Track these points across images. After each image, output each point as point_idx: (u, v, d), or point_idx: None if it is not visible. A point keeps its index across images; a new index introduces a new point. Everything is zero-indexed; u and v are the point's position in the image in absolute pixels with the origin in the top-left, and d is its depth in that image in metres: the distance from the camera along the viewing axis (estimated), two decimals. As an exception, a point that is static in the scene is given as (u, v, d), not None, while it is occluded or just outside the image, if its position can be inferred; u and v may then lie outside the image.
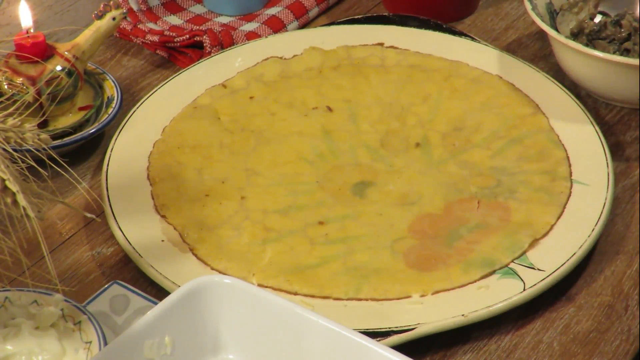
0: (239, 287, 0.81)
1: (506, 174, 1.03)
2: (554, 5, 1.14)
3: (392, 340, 0.86)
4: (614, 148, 1.07)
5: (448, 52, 1.17)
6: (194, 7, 1.28)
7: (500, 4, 1.29)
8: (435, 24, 1.20)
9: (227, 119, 1.09)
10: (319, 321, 0.78)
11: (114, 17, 1.07)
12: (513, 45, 1.22)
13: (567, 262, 0.92)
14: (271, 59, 1.16)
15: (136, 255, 0.93)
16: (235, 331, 0.81)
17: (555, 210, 0.98)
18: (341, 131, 1.08)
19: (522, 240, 0.95)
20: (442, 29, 1.19)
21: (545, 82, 1.12)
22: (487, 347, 0.89)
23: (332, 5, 1.29)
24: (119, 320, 0.88)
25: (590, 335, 0.90)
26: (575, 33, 1.14)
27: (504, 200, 0.99)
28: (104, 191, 0.99)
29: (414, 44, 1.18)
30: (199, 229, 0.97)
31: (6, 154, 0.75)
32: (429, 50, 1.17)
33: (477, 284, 0.92)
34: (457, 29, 1.20)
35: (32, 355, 0.82)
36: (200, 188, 1.01)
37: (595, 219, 0.96)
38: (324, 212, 0.99)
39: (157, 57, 1.21)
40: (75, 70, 1.05)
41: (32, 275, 0.85)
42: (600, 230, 0.95)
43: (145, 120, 1.08)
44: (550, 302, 0.93)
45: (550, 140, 1.06)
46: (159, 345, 0.79)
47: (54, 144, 0.84)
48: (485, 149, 1.06)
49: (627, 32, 1.13)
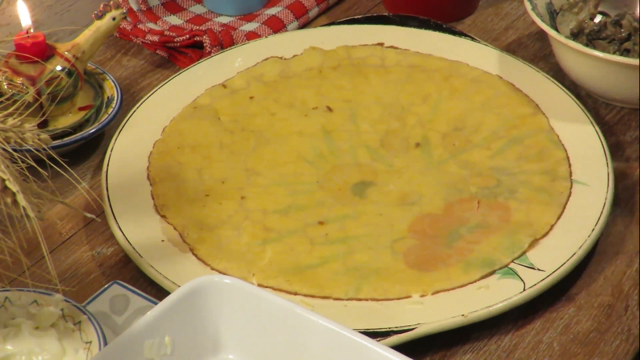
0: (239, 287, 0.81)
1: (506, 174, 1.03)
2: (554, 5, 1.14)
3: (392, 340, 0.86)
4: (614, 148, 1.07)
5: (448, 52, 1.17)
6: (194, 7, 1.28)
7: (500, 4, 1.29)
8: (435, 24, 1.20)
9: (227, 119, 1.09)
10: (319, 321, 0.78)
11: (114, 17, 1.07)
12: (513, 45, 1.22)
13: (567, 262, 0.92)
14: (271, 59, 1.16)
15: (136, 255, 0.93)
16: (235, 331, 0.81)
17: (555, 210, 0.98)
18: (341, 131, 1.08)
19: (522, 240, 0.95)
20: (442, 29, 1.19)
21: (545, 82, 1.12)
22: (487, 347, 0.89)
23: (332, 5, 1.29)
24: (119, 320, 0.88)
25: (590, 335, 0.90)
26: (575, 33, 1.14)
27: (504, 200, 0.99)
28: (104, 191, 0.99)
29: (414, 44, 1.18)
30: (199, 229, 0.97)
31: (6, 154, 0.75)
32: (429, 50, 1.17)
33: (477, 284, 0.92)
34: (457, 29, 1.20)
35: (32, 355, 0.82)
36: (200, 188, 1.01)
37: (595, 219, 0.96)
38: (324, 212, 0.99)
39: (157, 57, 1.21)
40: (75, 70, 1.05)
41: (32, 275, 0.85)
42: (600, 230, 0.95)
43: (145, 120, 1.08)
44: (550, 302, 0.92)
45: (550, 140, 1.06)
46: (159, 345, 0.79)
47: (54, 144, 0.84)
48: (485, 149, 1.06)
49: (627, 32, 1.13)
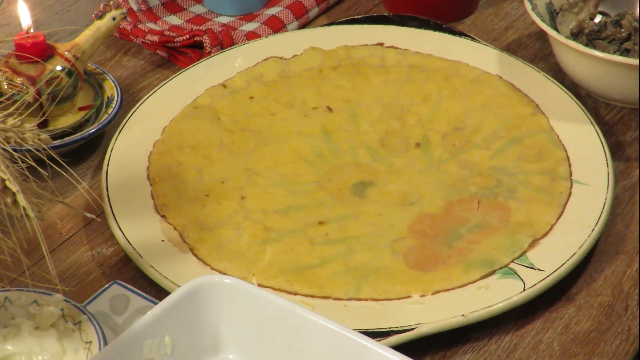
0: (239, 287, 0.81)
1: (506, 174, 1.03)
2: (554, 5, 1.14)
3: (392, 340, 0.86)
4: (614, 148, 1.07)
5: (448, 52, 1.17)
6: (194, 7, 1.28)
7: (500, 4, 1.29)
8: (435, 24, 1.20)
9: (227, 119, 1.09)
10: (319, 321, 0.78)
11: (114, 17, 1.07)
12: (513, 45, 1.22)
13: (567, 262, 0.92)
14: (271, 59, 1.16)
15: (136, 255, 0.93)
16: (235, 331, 0.81)
17: (555, 210, 0.98)
18: (341, 131, 1.08)
19: (522, 240, 0.95)
20: (442, 29, 1.19)
21: (545, 82, 1.12)
22: (487, 347, 0.89)
23: (332, 5, 1.29)
24: (119, 320, 0.88)
25: (590, 335, 0.90)
26: (575, 33, 1.14)
27: (504, 200, 0.99)
28: (104, 191, 0.99)
29: (414, 44, 1.18)
30: (199, 229, 0.97)
31: (6, 154, 0.75)
32: (429, 50, 1.17)
33: (477, 284, 0.92)
34: (457, 29, 1.20)
35: (32, 355, 0.82)
36: (200, 188, 1.01)
37: (595, 219, 0.96)
38: (324, 212, 0.99)
39: (157, 57, 1.21)
40: (75, 70, 1.05)
41: (32, 275, 0.85)
42: (600, 230, 0.95)
43: (145, 120, 1.08)
44: (550, 302, 0.92)
45: (550, 140, 1.06)
46: (159, 345, 0.79)
47: (54, 144, 0.84)
48: (485, 149, 1.06)
49: (627, 32, 1.13)
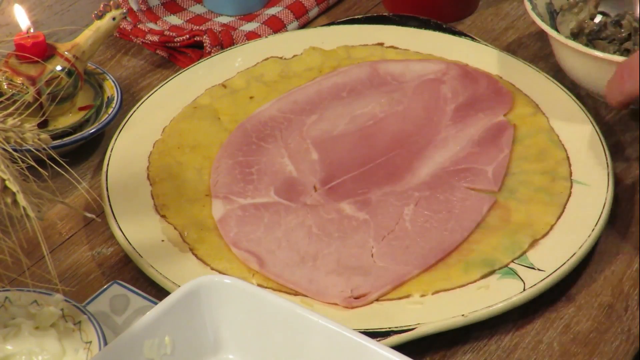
0: (239, 287, 0.81)
1: (506, 173, 1.02)
2: (554, 5, 1.14)
3: (392, 340, 0.86)
4: (614, 148, 1.07)
5: (448, 52, 1.17)
6: (194, 7, 1.28)
7: (500, 4, 1.29)
8: (435, 24, 1.20)
9: (227, 119, 1.09)
10: (319, 321, 0.78)
11: (114, 17, 1.07)
12: (513, 45, 1.22)
13: (567, 262, 0.92)
14: (271, 59, 1.16)
15: (136, 255, 0.93)
16: (235, 331, 0.81)
17: (555, 210, 0.98)
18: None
19: (522, 240, 0.95)
20: (442, 29, 1.19)
21: (545, 82, 1.12)
22: (487, 347, 0.89)
23: (332, 5, 1.29)
24: (119, 320, 0.88)
25: (590, 335, 0.90)
26: (575, 33, 1.14)
27: (504, 200, 0.99)
28: (104, 191, 0.99)
29: (414, 44, 1.18)
30: (199, 229, 0.97)
31: (6, 154, 0.75)
32: (429, 50, 1.17)
33: (477, 284, 0.92)
34: (457, 29, 1.20)
35: (32, 355, 0.82)
36: (200, 188, 1.01)
37: (595, 219, 0.96)
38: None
39: (157, 57, 1.21)
40: (75, 70, 1.05)
41: (32, 275, 0.85)
42: (600, 230, 0.95)
43: (145, 120, 1.08)
44: (550, 302, 0.92)
45: (550, 140, 1.06)
46: (159, 345, 0.79)
47: (54, 144, 0.84)
48: (485, 149, 1.06)
49: (627, 32, 1.13)
